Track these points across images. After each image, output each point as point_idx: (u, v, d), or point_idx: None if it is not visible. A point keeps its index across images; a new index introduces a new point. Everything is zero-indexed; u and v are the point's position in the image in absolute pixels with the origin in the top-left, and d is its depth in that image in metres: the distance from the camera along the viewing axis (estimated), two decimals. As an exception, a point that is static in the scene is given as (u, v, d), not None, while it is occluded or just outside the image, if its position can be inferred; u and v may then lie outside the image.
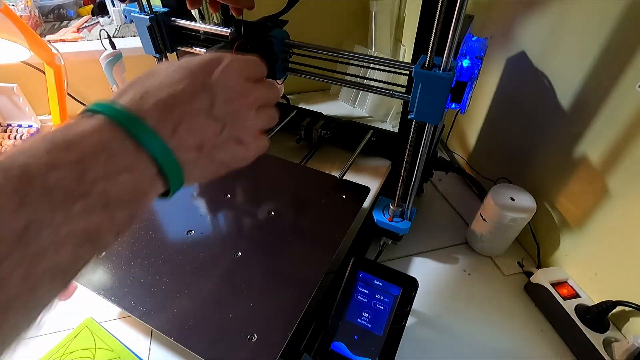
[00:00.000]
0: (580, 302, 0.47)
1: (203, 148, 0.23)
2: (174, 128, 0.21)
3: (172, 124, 0.21)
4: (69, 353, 0.45)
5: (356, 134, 0.73)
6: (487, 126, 0.65)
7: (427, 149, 0.42)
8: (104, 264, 0.44)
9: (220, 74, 0.24)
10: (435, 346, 0.47)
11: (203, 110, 0.23)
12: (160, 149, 0.21)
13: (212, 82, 0.24)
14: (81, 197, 0.17)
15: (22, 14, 0.82)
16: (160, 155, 0.21)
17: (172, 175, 0.22)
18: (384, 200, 0.55)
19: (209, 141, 0.23)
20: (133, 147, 0.20)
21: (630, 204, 0.42)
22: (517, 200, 0.51)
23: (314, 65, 0.45)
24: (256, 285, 0.42)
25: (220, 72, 0.24)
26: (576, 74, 0.45)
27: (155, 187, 0.21)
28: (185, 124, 0.22)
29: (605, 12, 0.41)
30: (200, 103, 0.23)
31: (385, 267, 0.44)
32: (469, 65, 0.40)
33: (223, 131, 0.24)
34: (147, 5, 0.49)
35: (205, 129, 0.23)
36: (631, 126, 0.40)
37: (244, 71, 0.26)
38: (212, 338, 0.37)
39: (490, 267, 0.56)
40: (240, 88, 0.25)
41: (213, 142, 0.24)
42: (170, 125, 0.21)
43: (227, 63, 0.25)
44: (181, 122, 0.22)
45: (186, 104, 0.22)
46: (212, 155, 0.24)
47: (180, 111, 0.22)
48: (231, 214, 0.52)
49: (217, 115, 0.23)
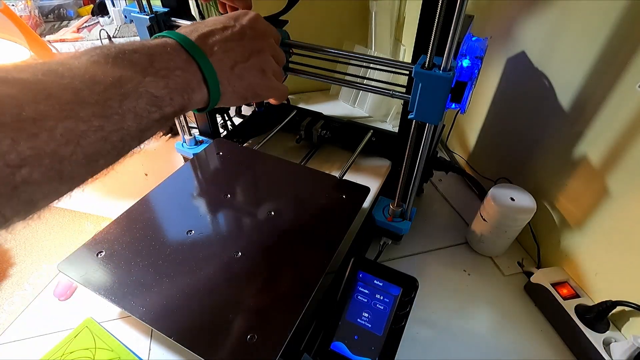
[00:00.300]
0: (580, 302, 0.47)
1: (235, 67, 0.32)
2: (212, 48, 0.30)
3: (211, 45, 0.31)
4: (69, 353, 0.45)
5: (356, 134, 0.73)
6: (487, 126, 0.65)
7: (427, 149, 0.42)
8: (104, 264, 0.44)
9: (249, 20, 0.34)
10: (435, 346, 0.47)
11: (235, 40, 0.32)
12: (202, 59, 0.29)
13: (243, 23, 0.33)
14: (151, 74, 0.26)
15: (22, 14, 0.82)
16: (202, 63, 0.29)
17: (212, 82, 0.30)
18: (384, 200, 0.55)
19: (239, 63, 0.32)
20: (185, 55, 0.29)
21: (630, 204, 0.42)
22: (517, 200, 0.51)
23: (314, 65, 0.45)
24: (256, 285, 0.42)
25: (249, 19, 0.34)
26: (576, 73, 0.45)
27: (200, 89, 0.30)
28: (221, 46, 0.31)
29: (605, 12, 0.41)
30: (232, 35, 0.32)
31: (385, 267, 0.44)
32: (469, 65, 0.40)
33: (250, 59, 0.33)
34: (147, 5, 0.49)
35: (236, 52, 0.32)
36: (631, 126, 0.40)
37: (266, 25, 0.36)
38: (212, 338, 0.37)
39: (490, 267, 0.56)
40: (262, 32, 0.35)
41: (242, 65, 0.32)
42: (209, 46, 0.30)
43: (254, 15, 0.35)
44: (216, 44, 0.31)
45: (221, 33, 0.32)
46: (242, 74, 0.32)
47: (217, 37, 0.31)
48: (231, 214, 0.52)
49: (245, 45, 0.33)
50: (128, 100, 0.24)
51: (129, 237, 0.47)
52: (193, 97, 0.29)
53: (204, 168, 0.60)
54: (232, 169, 0.60)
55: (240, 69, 0.32)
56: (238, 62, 0.32)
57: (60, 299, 0.51)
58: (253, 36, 0.33)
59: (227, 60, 0.31)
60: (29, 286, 0.53)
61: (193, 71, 0.29)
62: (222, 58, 0.31)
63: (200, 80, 0.29)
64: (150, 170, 0.74)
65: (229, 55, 0.31)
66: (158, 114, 0.26)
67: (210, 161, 0.61)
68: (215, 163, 0.61)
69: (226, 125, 0.77)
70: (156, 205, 0.52)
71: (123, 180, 0.72)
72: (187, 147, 0.67)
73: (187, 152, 0.66)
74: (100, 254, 0.45)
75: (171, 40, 0.29)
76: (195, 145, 0.67)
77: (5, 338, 0.47)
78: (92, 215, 0.64)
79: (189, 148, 0.67)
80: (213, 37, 0.31)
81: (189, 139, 0.67)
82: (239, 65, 0.32)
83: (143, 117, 0.25)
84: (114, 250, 0.45)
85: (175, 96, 0.27)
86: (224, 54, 0.31)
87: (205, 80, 0.30)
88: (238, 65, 0.32)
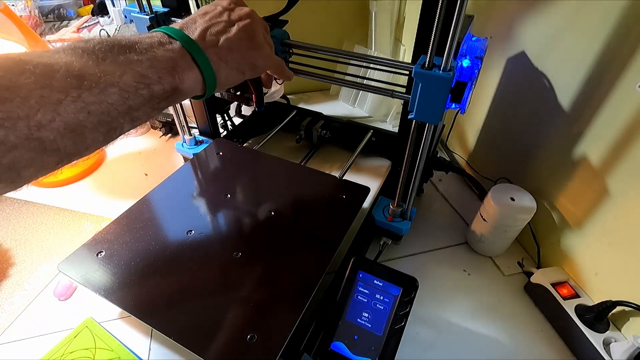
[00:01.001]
0: (580, 302, 0.47)
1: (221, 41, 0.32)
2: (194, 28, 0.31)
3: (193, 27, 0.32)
4: (69, 353, 0.45)
5: (356, 134, 0.73)
6: (487, 126, 0.65)
7: (427, 149, 0.42)
8: (104, 264, 0.44)
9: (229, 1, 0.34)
10: (435, 346, 0.47)
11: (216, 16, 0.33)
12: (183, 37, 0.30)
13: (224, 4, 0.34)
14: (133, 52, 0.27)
15: (22, 14, 0.82)
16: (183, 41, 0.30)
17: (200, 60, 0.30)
18: (384, 200, 0.55)
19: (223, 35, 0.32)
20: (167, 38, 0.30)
21: (630, 204, 0.42)
22: (517, 200, 0.51)
23: (314, 65, 0.45)
24: (256, 285, 0.42)
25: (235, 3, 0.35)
26: (576, 73, 0.45)
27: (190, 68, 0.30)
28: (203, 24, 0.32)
29: (605, 12, 0.41)
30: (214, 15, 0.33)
31: (385, 267, 0.44)
32: (469, 65, 0.39)
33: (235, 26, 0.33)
34: (147, 5, 0.49)
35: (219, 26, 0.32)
36: (631, 126, 0.40)
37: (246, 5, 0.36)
38: (212, 338, 0.37)
39: (490, 267, 0.56)
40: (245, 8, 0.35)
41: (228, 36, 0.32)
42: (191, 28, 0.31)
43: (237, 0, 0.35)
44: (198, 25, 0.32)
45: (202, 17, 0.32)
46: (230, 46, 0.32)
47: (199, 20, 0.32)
48: (231, 214, 0.52)
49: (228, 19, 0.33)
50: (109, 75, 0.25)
51: (129, 237, 0.47)
52: (184, 77, 0.29)
53: (204, 168, 0.60)
54: (232, 169, 0.60)
55: (227, 41, 0.32)
56: (223, 33, 0.32)
57: (60, 299, 0.51)
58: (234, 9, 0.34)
59: (212, 37, 0.31)
60: (29, 286, 0.53)
61: (178, 50, 0.29)
62: (205, 35, 0.31)
63: (189, 60, 0.30)
64: (150, 170, 0.74)
65: (212, 31, 0.32)
66: (146, 91, 0.27)
67: (210, 161, 0.61)
68: (215, 163, 0.61)
69: (226, 125, 0.77)
70: (156, 205, 0.52)
71: (123, 180, 0.72)
72: (187, 147, 0.67)
73: (187, 152, 0.66)
74: (100, 254, 0.45)
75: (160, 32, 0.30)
76: (195, 145, 0.67)
77: (5, 338, 0.47)
78: (92, 215, 0.64)
79: (189, 148, 0.67)
80: (195, 22, 0.32)
81: (189, 139, 0.67)
82: (224, 37, 0.32)
83: (129, 92, 0.26)
84: (114, 250, 0.45)
85: (164, 75, 0.28)
86: (206, 32, 0.31)
87: (195, 61, 0.30)
88: (223, 37, 0.32)
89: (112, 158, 0.78)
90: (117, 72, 0.25)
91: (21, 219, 0.63)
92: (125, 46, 0.27)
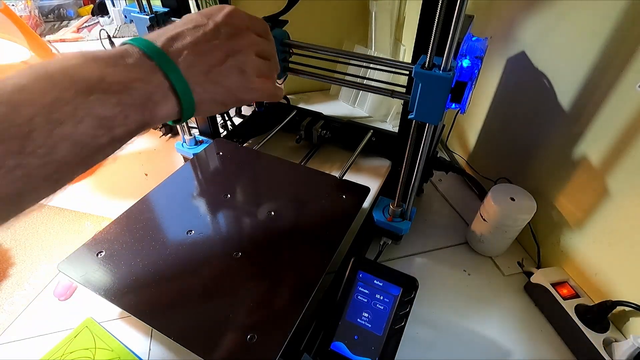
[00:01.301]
0: (580, 302, 0.47)
1: (209, 73, 0.28)
2: (180, 52, 0.27)
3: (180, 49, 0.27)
4: (69, 353, 0.45)
5: (356, 134, 0.73)
6: (487, 126, 0.65)
7: (427, 149, 0.42)
8: (104, 264, 0.44)
9: (224, 16, 0.30)
10: (435, 346, 0.47)
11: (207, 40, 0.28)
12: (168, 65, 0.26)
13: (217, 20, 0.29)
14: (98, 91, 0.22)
15: (22, 14, 0.82)
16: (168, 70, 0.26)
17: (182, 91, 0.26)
18: (384, 200, 0.55)
19: (214, 67, 0.28)
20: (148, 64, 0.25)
21: (630, 204, 0.42)
22: (517, 200, 0.51)
23: (314, 65, 0.45)
24: (256, 285, 0.42)
25: (224, 14, 0.30)
26: (576, 74, 0.45)
27: (167, 100, 0.26)
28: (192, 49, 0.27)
29: (605, 12, 0.41)
30: (204, 35, 0.28)
31: (385, 267, 0.44)
32: (469, 65, 0.39)
33: (226, 61, 0.29)
34: (147, 5, 0.49)
35: (210, 55, 0.28)
36: (631, 126, 0.40)
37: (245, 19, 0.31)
38: (212, 338, 0.37)
39: (490, 267, 0.56)
40: (240, 28, 0.30)
41: (218, 69, 0.28)
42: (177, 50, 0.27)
43: (231, 9, 0.30)
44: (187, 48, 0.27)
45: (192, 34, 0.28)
46: (217, 80, 0.29)
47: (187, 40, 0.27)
48: (231, 214, 0.52)
49: (220, 45, 0.28)
50: (62, 127, 0.21)
51: (129, 237, 0.47)
52: (157, 112, 0.26)
53: (204, 168, 0.60)
54: (232, 169, 0.60)
55: (215, 73, 0.28)
56: (213, 66, 0.28)
57: (60, 299, 0.51)
58: (229, 34, 0.29)
59: (200, 65, 0.27)
60: (29, 286, 0.53)
61: (157, 81, 0.25)
62: (194, 63, 0.27)
63: (167, 91, 0.26)
64: (150, 170, 0.74)
65: (201, 60, 0.27)
66: (106, 137, 0.23)
67: (210, 161, 0.61)
68: (215, 163, 0.61)
69: (226, 125, 0.77)
70: (156, 205, 0.52)
71: (123, 180, 0.72)
72: (187, 147, 0.67)
73: (187, 152, 0.66)
74: (100, 254, 0.45)
75: (133, 47, 0.26)
76: (195, 145, 0.67)
77: (5, 338, 0.47)
78: (92, 215, 0.64)
79: (189, 148, 0.67)
80: (182, 40, 0.27)
81: (189, 139, 0.67)
82: (214, 69, 0.28)
83: (85, 143, 0.22)
84: (114, 250, 0.45)
85: (132, 113, 0.24)
86: (195, 58, 0.27)
87: (174, 90, 0.26)
88: (213, 69, 0.28)
89: (112, 158, 0.78)
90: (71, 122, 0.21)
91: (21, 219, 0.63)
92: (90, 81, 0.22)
